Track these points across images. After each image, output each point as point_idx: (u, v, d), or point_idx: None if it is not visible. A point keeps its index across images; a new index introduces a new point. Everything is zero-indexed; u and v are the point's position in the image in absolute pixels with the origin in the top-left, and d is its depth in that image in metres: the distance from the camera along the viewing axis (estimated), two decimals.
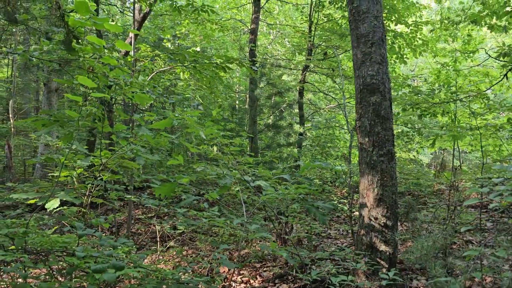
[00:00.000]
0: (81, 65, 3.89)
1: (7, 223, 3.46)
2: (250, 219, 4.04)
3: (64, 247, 3.12)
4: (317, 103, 16.00)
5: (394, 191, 4.58)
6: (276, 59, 13.89)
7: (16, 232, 3.05)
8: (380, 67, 4.66)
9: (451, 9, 12.69)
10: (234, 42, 17.86)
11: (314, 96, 15.94)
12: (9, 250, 2.91)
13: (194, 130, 3.25)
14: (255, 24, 12.54)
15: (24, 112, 18.32)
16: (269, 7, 16.33)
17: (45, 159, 3.85)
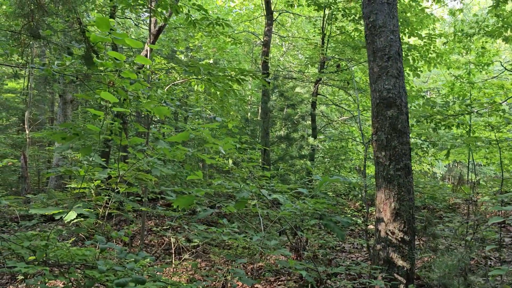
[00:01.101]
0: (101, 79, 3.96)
1: (28, 236, 3.50)
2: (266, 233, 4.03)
3: (84, 260, 3.14)
4: (330, 115, 15.99)
5: (411, 206, 4.54)
6: (288, 71, 13.95)
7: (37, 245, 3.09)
8: (396, 81, 4.66)
9: (465, 21, 12.65)
10: (247, 54, 17.99)
11: (327, 109, 15.93)
12: (30, 263, 2.94)
13: (213, 145, 3.27)
14: (267, 36, 12.64)
15: (39, 123, 18.59)
16: (282, 20, 16.45)
17: (64, 171, 3.90)
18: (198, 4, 8.13)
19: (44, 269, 2.91)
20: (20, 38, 4.09)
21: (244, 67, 17.04)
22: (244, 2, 17.61)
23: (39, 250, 3.03)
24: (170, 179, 8.59)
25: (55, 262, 3.18)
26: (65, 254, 3.22)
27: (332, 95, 14.56)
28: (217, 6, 19.52)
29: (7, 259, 3.21)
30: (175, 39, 14.48)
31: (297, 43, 17.58)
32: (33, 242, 3.13)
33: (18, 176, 13.17)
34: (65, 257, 3.23)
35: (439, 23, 14.39)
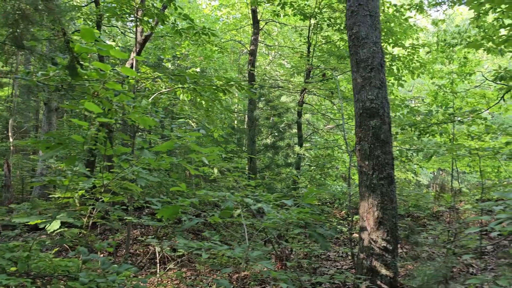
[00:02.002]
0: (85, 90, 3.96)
1: (10, 246, 3.47)
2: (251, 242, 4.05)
3: (67, 271, 3.12)
4: (315, 123, 16.11)
5: (394, 215, 4.60)
6: (275, 80, 14.04)
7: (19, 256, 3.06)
8: (379, 91, 4.74)
9: (448, 32, 12.92)
10: (234, 62, 18.07)
11: (312, 117, 16.05)
12: (12, 275, 2.92)
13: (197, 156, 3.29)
14: (254, 45, 12.73)
15: (24, 131, 18.36)
16: (268, 29, 16.58)
17: (49, 181, 3.88)
18: (184, 14, 8.17)
19: (26, 281, 2.88)
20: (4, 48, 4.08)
21: (231, 76, 17.11)
22: (231, 11, 17.72)
23: (21, 261, 3.01)
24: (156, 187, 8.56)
25: (37, 274, 3.15)
26: (47, 265, 3.19)
27: (318, 104, 14.68)
28: (204, 15, 19.61)
29: None
30: (162, 47, 14.49)
31: (283, 52, 17.72)
32: (15, 253, 3.11)
33: (1, 185, 12.95)
34: (47, 268, 3.20)
35: (423, 32, 14.66)
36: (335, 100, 11.51)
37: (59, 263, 3.21)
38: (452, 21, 22.29)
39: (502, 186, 7.49)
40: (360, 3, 4.88)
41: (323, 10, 11.64)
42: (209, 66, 16.38)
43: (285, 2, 11.10)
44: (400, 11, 11.45)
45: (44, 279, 2.99)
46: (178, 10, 8.27)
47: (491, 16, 9.27)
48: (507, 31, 7.01)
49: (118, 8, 7.76)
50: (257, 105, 11.66)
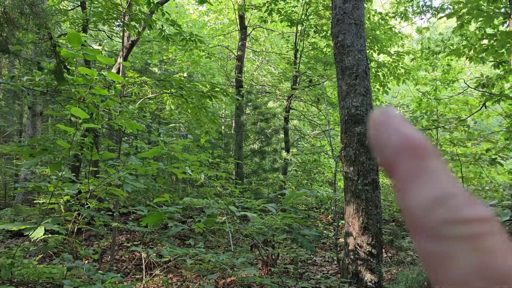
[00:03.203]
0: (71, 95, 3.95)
1: None
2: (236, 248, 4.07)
3: (51, 278, 3.10)
4: (302, 129, 16.21)
5: (379, 220, 4.67)
6: (262, 85, 14.11)
7: (2, 263, 3.04)
8: (364, 98, 4.81)
9: (432, 39, 13.16)
10: (221, 67, 18.10)
11: (299, 123, 16.14)
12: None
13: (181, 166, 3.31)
14: (241, 51, 12.79)
15: (7, 135, 18.10)
16: (256, 35, 16.66)
17: (33, 187, 3.85)
18: (172, 20, 8.18)
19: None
20: None
21: (218, 81, 17.14)
22: (219, 17, 17.77)
23: (4, 268, 2.98)
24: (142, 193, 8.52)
25: (20, 281, 3.12)
26: (31, 272, 3.17)
27: (304, 109, 14.78)
28: (191, 20, 19.63)
29: None
30: (149, 52, 14.46)
31: (270, 58, 17.81)
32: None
33: None
34: (31, 275, 3.18)
35: (407, 40, 14.89)
36: (321, 106, 11.61)
37: (43, 270, 3.19)
38: (436, 29, 22.68)
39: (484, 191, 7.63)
40: (345, 12, 4.96)
41: (310, 17, 11.77)
42: (197, 71, 16.39)
43: (272, 9, 11.19)
44: (385, 19, 11.64)
45: (28, 286, 2.97)
46: (166, 16, 8.28)
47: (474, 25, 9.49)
48: (488, 40, 7.19)
49: (105, 13, 7.74)
50: (244, 110, 11.70)
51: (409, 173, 0.28)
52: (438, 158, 0.29)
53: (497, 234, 0.26)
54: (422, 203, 0.27)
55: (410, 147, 0.29)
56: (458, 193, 0.27)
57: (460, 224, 0.26)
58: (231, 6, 15.61)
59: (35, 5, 4.36)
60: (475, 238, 0.25)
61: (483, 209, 0.27)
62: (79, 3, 11.82)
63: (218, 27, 17.99)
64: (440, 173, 0.28)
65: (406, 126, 0.30)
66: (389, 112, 0.31)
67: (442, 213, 0.26)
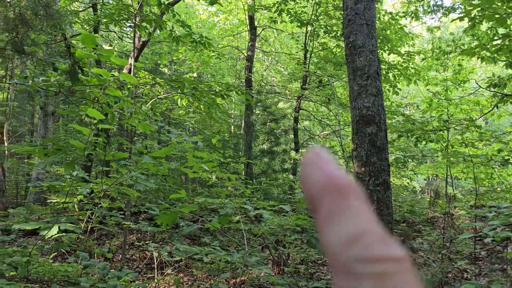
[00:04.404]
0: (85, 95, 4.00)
1: (9, 251, 3.48)
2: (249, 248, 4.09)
3: (66, 276, 3.14)
4: (312, 129, 16.19)
5: (390, 220, 4.66)
6: (271, 85, 14.12)
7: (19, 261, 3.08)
8: (375, 99, 4.81)
9: (442, 39, 13.06)
10: (231, 68, 18.14)
11: (309, 123, 16.13)
12: (12, 280, 2.93)
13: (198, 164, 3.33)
14: (251, 51, 12.81)
15: (19, 135, 18.30)
16: (265, 35, 16.67)
17: (48, 186, 3.90)
18: (182, 21, 8.23)
19: (26, 286, 2.90)
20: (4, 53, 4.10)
21: (228, 81, 17.17)
22: (228, 17, 17.81)
23: (21, 266, 3.03)
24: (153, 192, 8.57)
25: (36, 279, 3.17)
26: (47, 270, 3.21)
27: (314, 110, 14.76)
28: (200, 20, 19.70)
29: None
30: (159, 52, 14.55)
31: (280, 58, 17.81)
32: (15, 258, 3.13)
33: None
34: (47, 273, 3.22)
35: (418, 39, 14.80)
36: (332, 106, 11.60)
37: (58, 268, 3.23)
38: (447, 29, 22.52)
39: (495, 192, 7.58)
40: (357, 13, 4.96)
41: (320, 17, 11.75)
42: (206, 71, 16.44)
43: (282, 9, 11.20)
44: (395, 19, 11.58)
45: (44, 283, 3.02)
46: (176, 17, 8.33)
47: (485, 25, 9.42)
48: (501, 40, 7.13)
49: (116, 14, 7.80)
50: (254, 110, 11.73)
51: (329, 211, 0.29)
52: (359, 197, 0.29)
53: (407, 274, 0.27)
54: (339, 240, 0.27)
55: (332, 186, 0.29)
56: (373, 231, 0.28)
57: (371, 263, 0.26)
58: (241, 6, 15.65)
59: (49, 7, 4.42)
60: (384, 277, 0.26)
61: (396, 248, 0.27)
62: (90, 4, 11.92)
63: (227, 27, 18.04)
64: (358, 212, 0.28)
65: (331, 165, 0.31)
66: (317, 151, 0.32)
67: (355, 251, 0.27)
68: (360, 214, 0.28)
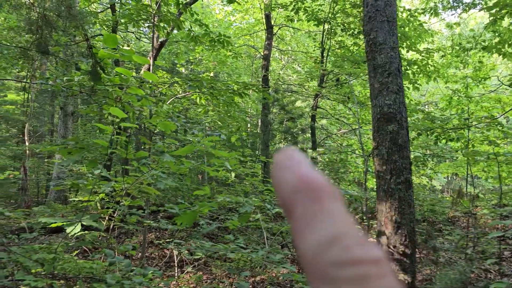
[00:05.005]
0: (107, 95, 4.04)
1: (35, 248, 3.55)
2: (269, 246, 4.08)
3: (91, 273, 3.18)
4: (329, 128, 16.10)
5: (412, 219, 4.60)
6: (288, 84, 14.09)
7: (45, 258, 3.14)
8: (397, 96, 4.75)
9: (462, 36, 12.85)
10: (247, 67, 18.16)
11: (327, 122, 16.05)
12: (39, 276, 2.99)
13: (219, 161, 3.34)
14: (267, 50, 12.80)
15: (39, 135, 18.64)
16: (282, 34, 16.64)
17: (71, 185, 3.96)
18: (200, 20, 8.26)
19: (53, 282, 2.95)
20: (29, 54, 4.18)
21: (244, 80, 17.19)
22: (245, 16, 17.83)
23: (47, 263, 3.08)
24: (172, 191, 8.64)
25: (62, 275, 3.22)
26: (72, 267, 3.26)
27: (331, 108, 14.68)
28: (217, 20, 19.76)
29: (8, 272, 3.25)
30: (176, 52, 14.64)
31: (296, 57, 17.76)
32: (41, 255, 3.18)
33: (18, 188, 13.17)
34: (72, 270, 3.27)
35: (437, 36, 14.58)
36: (349, 104, 11.52)
37: (83, 265, 3.28)
38: (466, 25, 22.14)
39: None
40: (377, 9, 4.90)
41: (337, 15, 11.67)
42: (223, 71, 16.49)
43: (299, 7, 11.16)
44: (414, 16, 11.43)
45: (69, 280, 3.06)
46: (194, 16, 8.37)
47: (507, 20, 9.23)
48: None
49: (135, 14, 7.87)
50: (271, 109, 11.72)
51: (304, 214, 0.27)
52: (335, 199, 0.28)
53: (387, 276, 0.26)
54: (314, 244, 0.26)
55: (306, 188, 0.28)
56: (350, 233, 0.27)
57: (350, 265, 0.25)
58: (257, 5, 15.64)
59: (72, 8, 4.48)
60: (364, 279, 0.25)
61: (374, 250, 0.26)
62: (109, 5, 12.06)
63: (244, 26, 18.06)
64: (334, 214, 0.27)
65: (304, 166, 0.30)
66: (289, 152, 0.31)
67: (332, 255, 0.26)
68: (335, 216, 0.27)
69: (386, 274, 0.26)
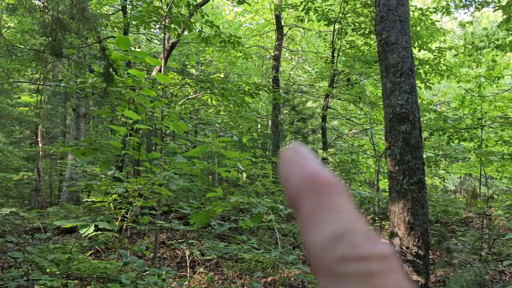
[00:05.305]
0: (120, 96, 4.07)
1: (50, 249, 3.59)
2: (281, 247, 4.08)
3: (105, 273, 3.21)
4: (340, 128, 16.04)
5: (425, 220, 4.56)
6: (299, 85, 14.07)
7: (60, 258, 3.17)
8: (409, 96, 4.71)
9: (475, 34, 12.70)
10: (257, 68, 18.16)
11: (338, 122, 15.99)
12: (54, 276, 3.02)
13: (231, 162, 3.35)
14: (278, 50, 12.79)
15: (52, 137, 18.84)
16: (292, 34, 16.62)
17: (85, 185, 4.00)
18: (211, 21, 8.28)
19: (68, 282, 2.98)
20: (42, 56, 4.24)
21: (254, 81, 17.21)
22: (255, 17, 17.84)
23: (63, 263, 3.11)
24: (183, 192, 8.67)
25: (77, 275, 3.25)
26: (87, 267, 3.29)
27: (343, 108, 14.62)
28: (227, 21, 19.80)
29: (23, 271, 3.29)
30: (186, 53, 14.71)
31: (307, 57, 17.72)
32: (56, 255, 3.22)
33: (32, 189, 13.33)
34: (86, 270, 3.30)
35: (449, 35, 14.43)
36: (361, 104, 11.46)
37: (98, 265, 3.30)
38: (479, 24, 21.89)
39: None
40: (389, 9, 4.87)
41: (348, 15, 11.62)
42: (233, 72, 16.52)
43: (309, 8, 11.13)
44: (426, 15, 11.34)
45: (84, 280, 3.09)
46: (205, 18, 8.40)
47: None
48: None
49: (147, 16, 7.92)
50: (281, 110, 11.71)
51: (311, 210, 0.27)
52: (342, 195, 0.28)
53: (395, 272, 0.25)
54: (321, 240, 0.26)
55: (313, 184, 0.28)
56: (358, 229, 0.26)
57: (357, 261, 0.25)
58: (267, 6, 15.64)
59: (85, 10, 4.53)
60: (371, 276, 0.25)
61: (382, 246, 0.26)
62: (120, 7, 12.16)
63: (253, 27, 18.07)
64: (341, 209, 0.27)
65: (311, 162, 0.30)
66: (296, 149, 0.31)
67: (339, 250, 0.26)
68: (343, 212, 0.27)
69: (394, 270, 0.25)
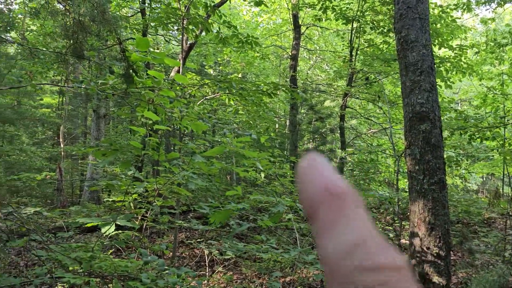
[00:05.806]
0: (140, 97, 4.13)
1: (73, 247, 3.66)
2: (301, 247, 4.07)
3: (126, 271, 3.26)
4: (358, 127, 15.90)
5: (446, 220, 4.49)
6: (317, 84, 14.00)
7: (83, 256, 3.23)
8: (429, 95, 4.65)
9: (497, 31, 12.44)
10: (275, 67, 18.15)
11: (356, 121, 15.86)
12: (77, 274, 3.08)
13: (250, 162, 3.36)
14: (295, 50, 12.76)
15: (73, 137, 19.19)
16: (309, 33, 16.55)
17: (106, 185, 4.07)
18: (228, 22, 8.32)
19: (91, 280, 3.04)
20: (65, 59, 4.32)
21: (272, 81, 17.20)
22: (272, 17, 17.84)
23: (85, 261, 3.17)
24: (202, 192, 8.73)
25: (99, 273, 3.31)
26: (108, 266, 3.35)
27: (361, 107, 14.49)
28: (244, 21, 19.84)
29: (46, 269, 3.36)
30: (204, 54, 14.80)
31: (325, 56, 17.62)
32: (79, 253, 3.28)
33: (54, 189, 13.61)
34: (108, 268, 3.36)
35: (471, 32, 14.16)
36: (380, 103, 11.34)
37: (119, 264, 3.36)
38: (502, 20, 21.41)
39: None
40: (409, 6, 4.82)
41: (366, 13, 11.52)
42: (250, 72, 16.54)
43: (326, 6, 11.07)
44: (446, 12, 11.15)
45: (106, 278, 3.14)
46: (222, 18, 8.44)
47: None
48: None
49: (165, 18, 8.00)
50: (299, 109, 11.68)
51: (327, 220, 0.28)
52: (357, 205, 0.29)
53: (408, 282, 0.26)
54: (338, 249, 0.27)
55: (329, 194, 0.29)
56: (373, 239, 0.27)
57: (373, 271, 0.25)
58: (285, 5, 15.62)
59: (105, 12, 4.60)
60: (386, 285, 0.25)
61: (396, 256, 0.27)
62: (139, 9, 12.31)
63: (271, 27, 18.06)
64: (357, 219, 0.28)
65: (328, 172, 0.30)
66: (313, 158, 0.32)
67: (354, 260, 0.26)
68: (358, 222, 0.28)
69: (408, 281, 0.26)
